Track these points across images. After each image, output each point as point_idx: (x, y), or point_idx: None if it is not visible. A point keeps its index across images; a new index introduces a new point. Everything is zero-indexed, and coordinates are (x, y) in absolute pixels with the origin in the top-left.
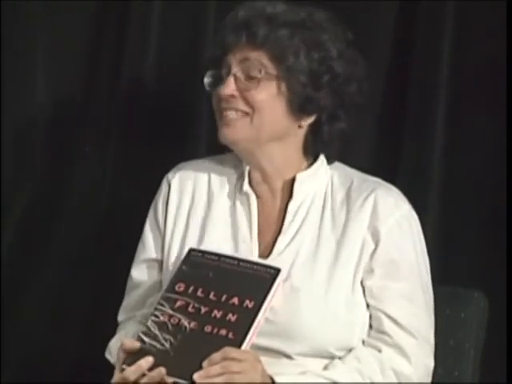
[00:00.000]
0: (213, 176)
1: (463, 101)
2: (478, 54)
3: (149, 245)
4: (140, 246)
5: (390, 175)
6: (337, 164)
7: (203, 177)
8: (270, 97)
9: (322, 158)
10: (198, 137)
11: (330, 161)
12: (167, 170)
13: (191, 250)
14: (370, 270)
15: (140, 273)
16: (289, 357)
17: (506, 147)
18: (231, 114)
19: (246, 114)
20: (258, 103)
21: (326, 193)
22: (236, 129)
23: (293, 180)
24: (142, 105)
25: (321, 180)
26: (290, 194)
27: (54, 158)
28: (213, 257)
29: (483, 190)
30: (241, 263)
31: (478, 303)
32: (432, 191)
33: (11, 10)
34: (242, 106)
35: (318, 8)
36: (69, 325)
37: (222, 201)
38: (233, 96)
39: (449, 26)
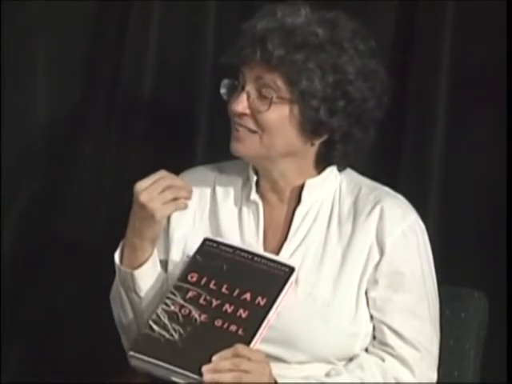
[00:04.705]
0: (218, 182)
1: (463, 101)
2: (477, 54)
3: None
4: None
5: (390, 175)
6: (347, 170)
7: (208, 183)
8: (280, 119)
9: (332, 165)
10: (197, 136)
11: (340, 168)
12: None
13: (206, 240)
14: (374, 281)
15: None
16: (288, 364)
17: (506, 147)
18: (242, 131)
19: (256, 132)
20: (268, 125)
21: (333, 200)
22: (246, 145)
23: (302, 186)
24: (141, 105)
25: (330, 187)
26: (298, 200)
27: (54, 158)
28: (228, 248)
29: (483, 190)
30: (255, 258)
31: (478, 303)
32: (432, 191)
33: (11, 10)
34: (251, 125)
35: (339, 13)
36: (69, 325)
37: (228, 207)
38: (244, 114)
39: (449, 26)
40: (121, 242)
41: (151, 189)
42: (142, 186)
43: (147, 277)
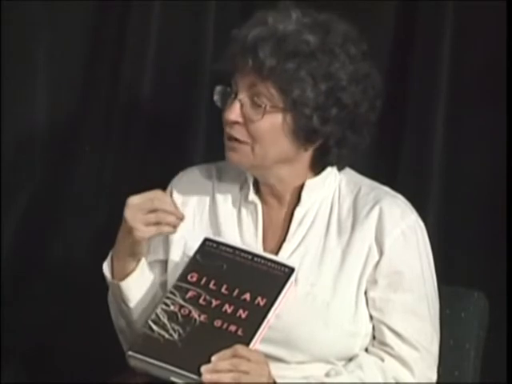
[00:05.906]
0: (217, 182)
1: (463, 101)
2: (478, 54)
3: (153, 245)
4: None
5: (390, 175)
6: (346, 170)
7: (207, 183)
8: (273, 128)
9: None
10: (197, 136)
11: (339, 167)
12: (167, 171)
13: (206, 240)
14: (373, 281)
15: None
16: (288, 364)
17: (506, 147)
18: (234, 143)
19: (247, 143)
20: (260, 134)
21: (333, 200)
22: (239, 155)
23: (301, 186)
24: (141, 105)
25: (329, 186)
26: (297, 200)
27: (54, 158)
28: (228, 249)
29: (483, 190)
30: (255, 258)
31: (478, 303)
32: (432, 191)
33: (11, 10)
34: (243, 136)
35: (331, 16)
36: (69, 325)
37: (227, 207)
38: (237, 122)
39: (449, 26)
40: (110, 251)
41: (138, 207)
42: (133, 201)
43: (135, 288)
